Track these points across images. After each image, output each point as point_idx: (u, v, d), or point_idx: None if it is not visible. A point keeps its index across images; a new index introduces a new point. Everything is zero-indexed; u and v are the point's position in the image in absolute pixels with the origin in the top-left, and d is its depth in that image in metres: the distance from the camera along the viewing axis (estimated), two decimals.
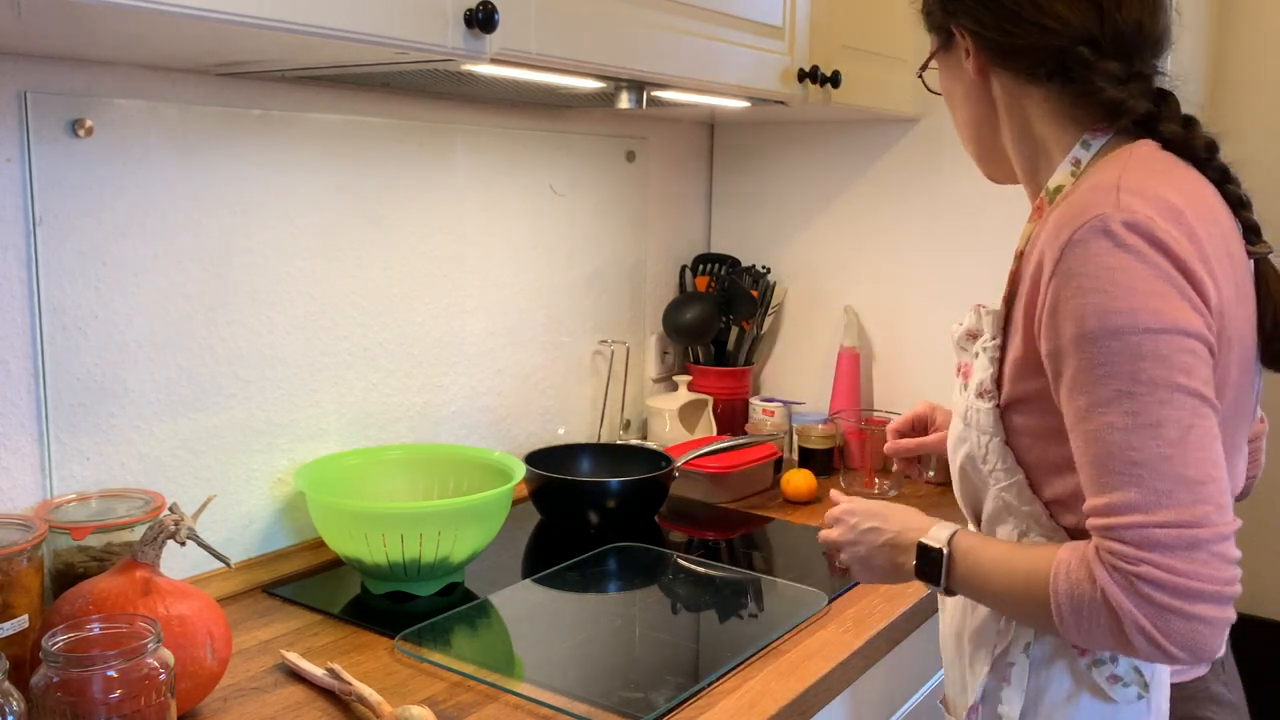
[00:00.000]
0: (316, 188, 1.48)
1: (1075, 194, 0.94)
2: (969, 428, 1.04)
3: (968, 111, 1.11)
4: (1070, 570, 0.88)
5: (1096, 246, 0.87)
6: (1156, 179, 0.93)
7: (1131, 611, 0.84)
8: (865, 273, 2.11)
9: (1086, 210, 0.90)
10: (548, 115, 1.85)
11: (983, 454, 1.02)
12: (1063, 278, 0.89)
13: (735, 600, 1.42)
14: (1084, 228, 0.88)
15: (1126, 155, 0.97)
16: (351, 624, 1.31)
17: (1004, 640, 1.04)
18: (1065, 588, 0.88)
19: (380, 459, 1.55)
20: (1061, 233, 0.90)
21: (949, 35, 1.08)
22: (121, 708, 0.87)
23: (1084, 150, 1.01)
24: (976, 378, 1.03)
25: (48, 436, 1.22)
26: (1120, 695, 1.00)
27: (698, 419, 2.10)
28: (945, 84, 1.13)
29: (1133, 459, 0.85)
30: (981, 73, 1.06)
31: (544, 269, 1.87)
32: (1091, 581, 0.86)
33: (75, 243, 1.23)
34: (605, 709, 1.10)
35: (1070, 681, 1.01)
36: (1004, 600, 0.97)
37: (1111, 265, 0.86)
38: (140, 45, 1.12)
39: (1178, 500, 0.84)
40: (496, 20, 1.09)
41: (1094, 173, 0.97)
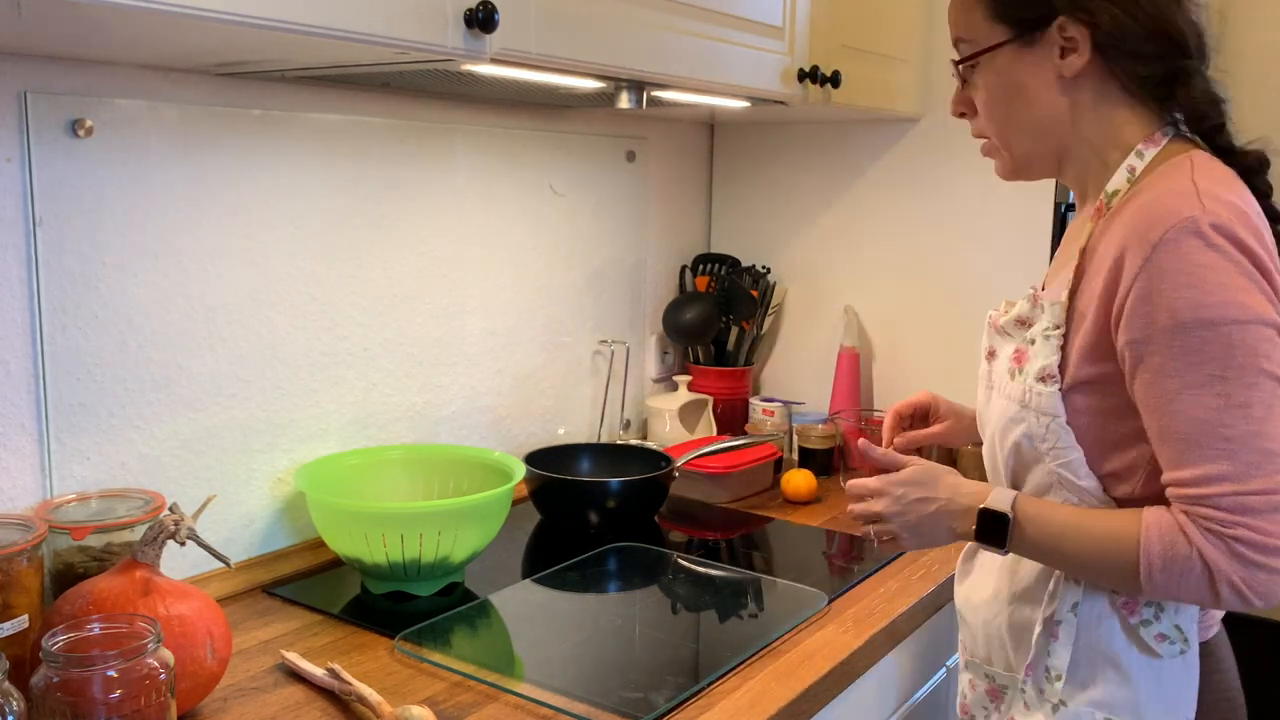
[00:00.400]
0: (316, 188, 1.48)
1: (1150, 197, 1.03)
2: (1026, 409, 1.11)
3: (1038, 111, 1.12)
4: (1163, 533, 0.99)
5: (1188, 246, 0.97)
6: (1224, 187, 1.03)
7: (1226, 569, 0.96)
8: (865, 273, 2.11)
9: (1173, 213, 0.99)
10: (548, 115, 1.85)
11: (1043, 433, 1.10)
12: (1154, 273, 0.98)
13: (735, 600, 1.42)
14: (1174, 229, 0.98)
15: (1188, 163, 1.06)
16: (351, 624, 1.31)
17: (1053, 600, 1.13)
18: (1159, 549, 0.99)
19: (380, 459, 1.55)
20: (1151, 232, 0.99)
21: (1034, 28, 1.09)
22: (121, 708, 0.87)
23: (1138, 159, 1.10)
24: (1038, 363, 1.11)
25: (48, 436, 1.23)
26: (1165, 651, 1.10)
27: (698, 419, 2.10)
28: (1007, 79, 1.12)
29: (1225, 435, 0.96)
30: (1079, 72, 1.09)
31: (544, 269, 1.87)
32: (1188, 543, 0.98)
33: (75, 243, 1.23)
34: (605, 709, 1.10)
35: (1119, 640, 1.11)
36: (1075, 559, 1.07)
37: (1202, 263, 0.97)
38: (140, 45, 1.12)
39: (1265, 470, 0.96)
40: (496, 20, 1.09)
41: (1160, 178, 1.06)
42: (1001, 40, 1.11)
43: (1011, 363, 1.15)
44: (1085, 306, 1.07)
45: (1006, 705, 1.21)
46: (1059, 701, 1.14)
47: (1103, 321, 1.04)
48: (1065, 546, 1.07)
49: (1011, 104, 1.13)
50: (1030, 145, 1.15)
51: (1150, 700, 1.11)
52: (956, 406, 1.41)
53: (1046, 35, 1.09)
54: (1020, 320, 1.15)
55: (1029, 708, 1.17)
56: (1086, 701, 1.12)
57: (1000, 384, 1.17)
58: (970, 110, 1.18)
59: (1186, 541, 0.98)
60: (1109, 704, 1.11)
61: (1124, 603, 1.10)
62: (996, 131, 1.16)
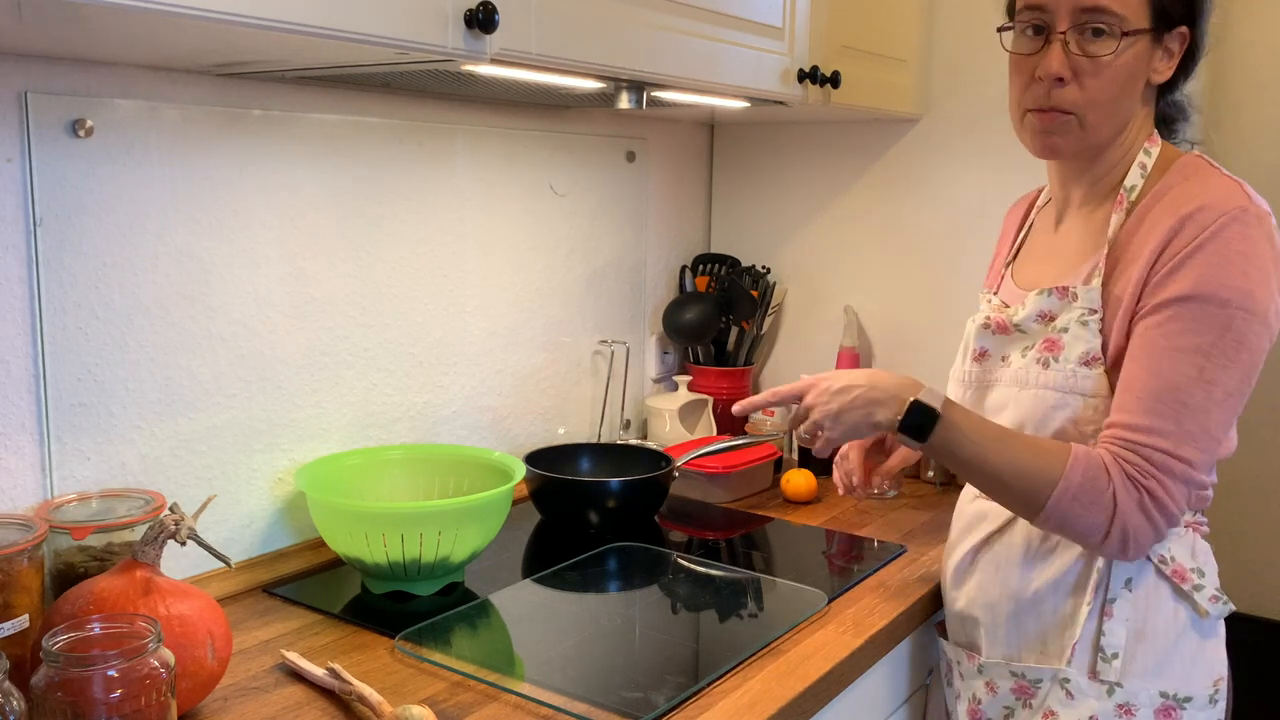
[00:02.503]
0: (316, 188, 1.48)
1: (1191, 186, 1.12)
2: (1070, 394, 1.16)
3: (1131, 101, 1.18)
4: (1090, 466, 1.06)
5: (1233, 231, 1.06)
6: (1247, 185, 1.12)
7: (1127, 514, 1.05)
8: (865, 273, 2.11)
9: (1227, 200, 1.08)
10: (548, 115, 1.85)
11: (1090, 415, 1.15)
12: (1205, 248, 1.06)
13: (735, 600, 1.42)
14: (1229, 214, 1.06)
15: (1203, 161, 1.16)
16: (351, 624, 1.31)
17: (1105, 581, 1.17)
18: (1080, 478, 1.06)
19: (380, 459, 1.55)
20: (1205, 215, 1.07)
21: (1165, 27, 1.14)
22: (122, 708, 0.87)
23: (1147, 156, 1.19)
24: (1079, 348, 1.16)
25: (48, 436, 1.23)
26: (1216, 611, 1.17)
27: (698, 419, 2.10)
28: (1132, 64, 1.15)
29: (1184, 401, 1.04)
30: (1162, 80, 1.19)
31: (544, 269, 1.87)
32: (1108, 480, 1.06)
33: (75, 243, 1.23)
34: (605, 709, 1.10)
35: (1173, 607, 1.17)
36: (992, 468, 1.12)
37: (1240, 250, 1.05)
38: (140, 45, 1.12)
39: (1198, 445, 1.04)
40: (496, 20, 1.09)
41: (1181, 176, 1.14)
42: (1146, 27, 1.14)
43: (1042, 352, 1.19)
44: (1121, 292, 1.13)
45: (1041, 699, 1.21)
46: (1114, 683, 1.17)
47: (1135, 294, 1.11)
48: (989, 454, 1.12)
49: (1124, 89, 1.17)
50: (1108, 130, 1.19)
51: (1195, 665, 1.17)
52: None
53: (1166, 37, 1.15)
54: (1043, 315, 1.20)
55: (1074, 696, 1.19)
56: (1140, 678, 1.17)
57: (1027, 378, 1.21)
58: (1070, 78, 1.16)
59: (1107, 478, 1.06)
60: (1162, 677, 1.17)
61: (1173, 570, 1.16)
62: (1096, 108, 1.16)
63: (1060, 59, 1.14)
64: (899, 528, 1.71)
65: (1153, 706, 1.17)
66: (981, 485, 1.18)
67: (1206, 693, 1.18)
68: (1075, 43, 1.14)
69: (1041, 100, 1.17)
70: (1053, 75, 1.15)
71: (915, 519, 1.75)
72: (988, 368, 1.27)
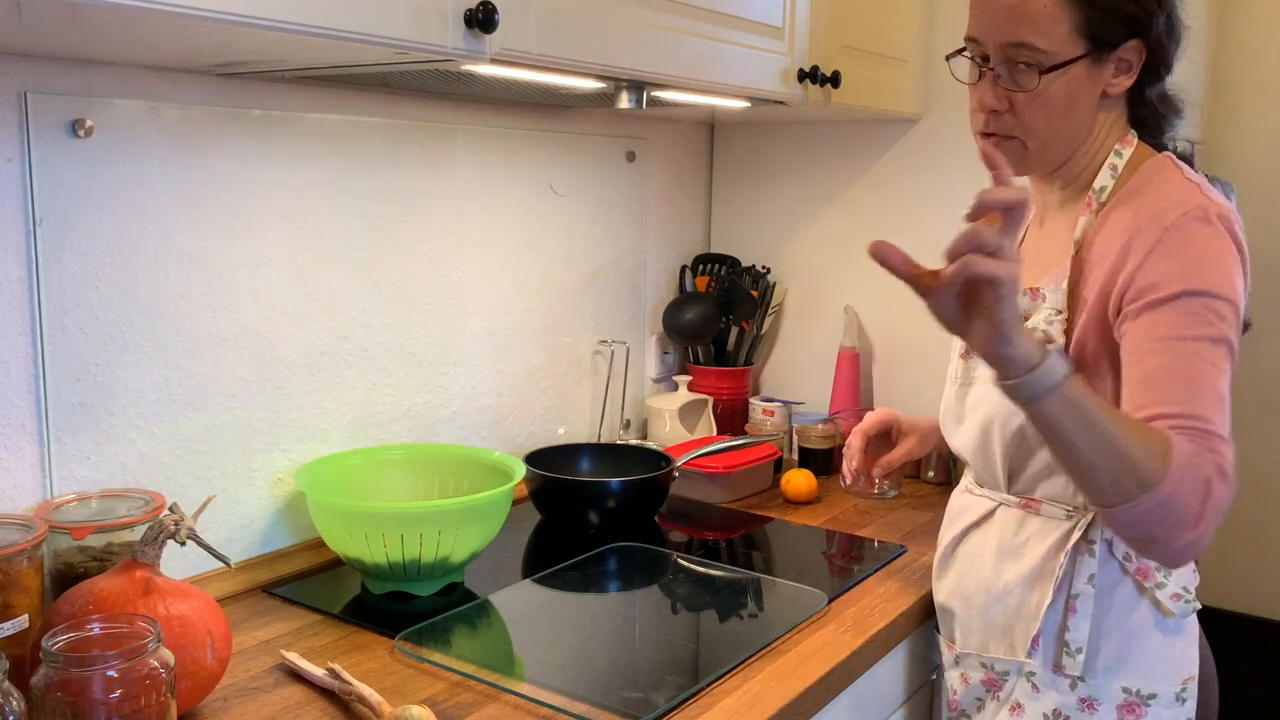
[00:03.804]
0: (316, 188, 1.48)
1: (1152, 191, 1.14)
2: None
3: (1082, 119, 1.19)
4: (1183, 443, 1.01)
5: (1198, 230, 1.08)
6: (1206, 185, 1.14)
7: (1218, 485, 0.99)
8: (865, 273, 2.11)
9: (1185, 200, 1.10)
10: (548, 115, 1.85)
11: None
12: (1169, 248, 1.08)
13: (735, 600, 1.42)
14: (1187, 214, 1.09)
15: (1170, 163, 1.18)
16: (351, 624, 1.31)
17: (1068, 575, 1.18)
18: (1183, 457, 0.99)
19: (380, 459, 1.55)
20: (1164, 216, 1.10)
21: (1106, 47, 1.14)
22: (122, 708, 0.87)
23: (1118, 158, 1.21)
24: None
25: (48, 436, 1.23)
26: (1180, 610, 1.17)
27: (698, 419, 2.10)
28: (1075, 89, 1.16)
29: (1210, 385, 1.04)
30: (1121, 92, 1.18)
31: (544, 269, 1.87)
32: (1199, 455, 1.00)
33: (75, 243, 1.23)
34: (605, 709, 1.10)
35: (1135, 603, 1.17)
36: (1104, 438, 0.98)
37: (1211, 247, 1.08)
38: (140, 45, 1.12)
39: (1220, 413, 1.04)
40: (496, 20, 1.09)
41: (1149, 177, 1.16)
42: (1079, 55, 1.14)
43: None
44: (1089, 290, 1.14)
45: (1007, 693, 1.23)
46: (1078, 677, 1.18)
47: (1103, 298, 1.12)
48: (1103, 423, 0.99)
49: (1064, 114, 1.17)
50: (1059, 150, 1.21)
51: (1161, 663, 1.18)
52: (912, 419, 1.49)
53: (1113, 55, 1.15)
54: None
55: (1038, 689, 1.20)
56: (1103, 674, 1.17)
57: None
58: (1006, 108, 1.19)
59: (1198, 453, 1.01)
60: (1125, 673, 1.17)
61: (1137, 569, 1.17)
62: (1035, 135, 1.19)
63: (991, 92, 1.18)
64: (899, 528, 1.71)
65: (1115, 702, 1.18)
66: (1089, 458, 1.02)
67: (1172, 690, 1.19)
68: (1006, 76, 1.17)
69: (984, 127, 1.21)
70: (987, 108, 1.20)
71: (915, 519, 1.75)
72: (972, 364, 1.29)
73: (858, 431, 1.47)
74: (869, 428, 1.47)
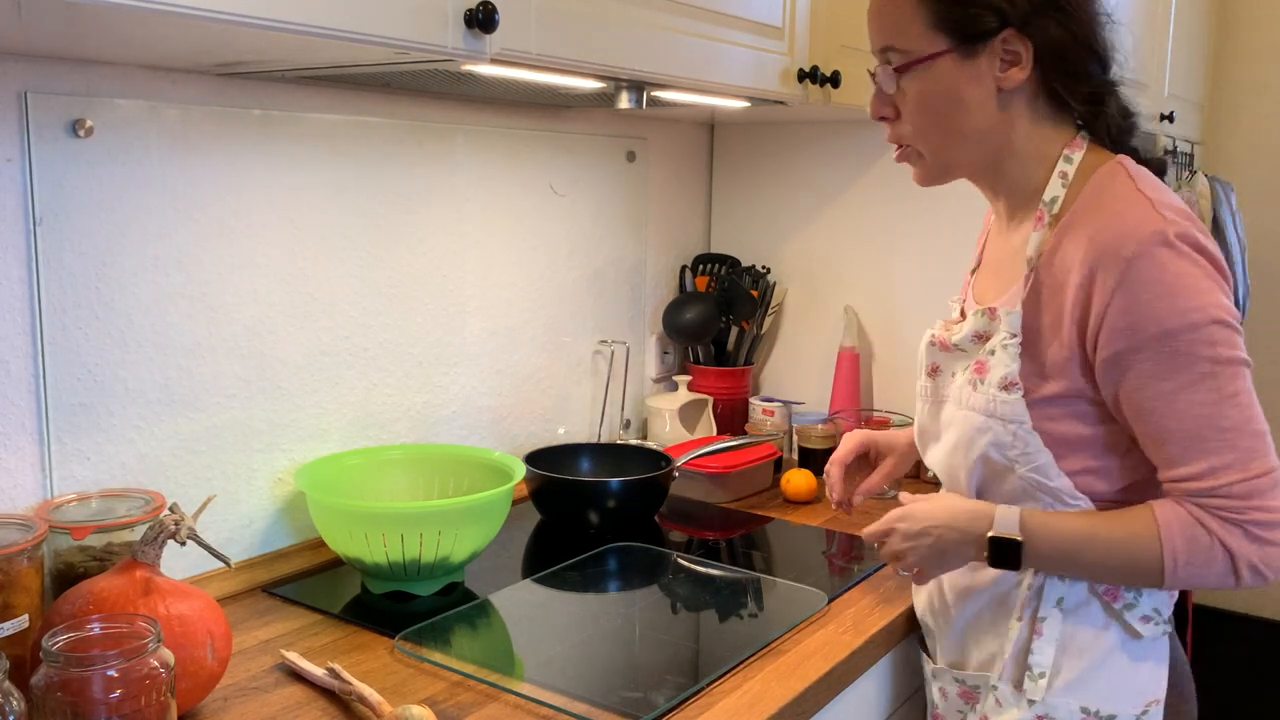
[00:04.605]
0: (316, 188, 1.48)
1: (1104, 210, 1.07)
2: (992, 418, 1.13)
3: (972, 121, 1.13)
4: (1183, 528, 1.03)
5: (1161, 258, 1.02)
6: (1164, 191, 1.08)
7: (1246, 552, 1.02)
8: (865, 273, 2.11)
9: (1139, 226, 1.03)
10: (548, 115, 1.86)
11: (1010, 440, 1.12)
12: (1133, 286, 1.02)
13: (735, 600, 1.42)
14: (1144, 243, 1.02)
15: (1122, 170, 1.10)
16: (351, 624, 1.31)
17: (1035, 596, 1.16)
18: (1182, 543, 1.03)
19: (380, 459, 1.55)
20: (1122, 248, 1.03)
21: (977, 40, 1.09)
22: (122, 708, 0.88)
23: (1068, 164, 1.13)
24: (999, 372, 1.13)
25: (48, 436, 1.23)
26: (1149, 632, 1.14)
27: (698, 419, 2.10)
28: (942, 88, 1.12)
29: (1223, 427, 1.02)
30: (1019, 85, 1.11)
31: (544, 269, 1.87)
32: (1208, 534, 1.02)
33: (75, 243, 1.23)
34: (605, 709, 1.10)
35: (1102, 625, 1.15)
36: (1094, 566, 1.10)
37: (1177, 272, 1.02)
38: (140, 45, 1.12)
39: (1260, 452, 1.02)
40: (496, 20, 1.09)
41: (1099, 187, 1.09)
42: (941, 50, 1.11)
43: (973, 374, 1.17)
44: (1051, 321, 1.10)
45: (980, 704, 1.22)
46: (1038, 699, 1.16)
47: (1076, 338, 1.08)
48: (1083, 557, 1.09)
49: (946, 114, 1.13)
50: (959, 154, 1.16)
51: (1123, 684, 1.15)
52: (889, 439, 1.45)
53: (989, 47, 1.09)
54: (978, 335, 1.17)
55: (1001, 705, 1.18)
56: (1062, 692, 1.15)
57: (961, 397, 1.18)
58: (893, 115, 1.17)
59: (1206, 532, 1.02)
60: (1085, 693, 1.15)
61: (1105, 589, 1.14)
62: (924, 139, 1.16)
63: (878, 99, 1.18)
64: None
65: None
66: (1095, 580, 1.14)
67: (1133, 713, 1.15)
68: (883, 82, 1.17)
69: (888, 139, 1.20)
70: (874, 117, 1.19)
71: None
72: (940, 383, 1.24)
73: (835, 462, 1.43)
74: (845, 456, 1.43)
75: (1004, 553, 1.11)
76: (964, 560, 1.16)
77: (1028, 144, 1.15)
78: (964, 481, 1.20)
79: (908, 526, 1.18)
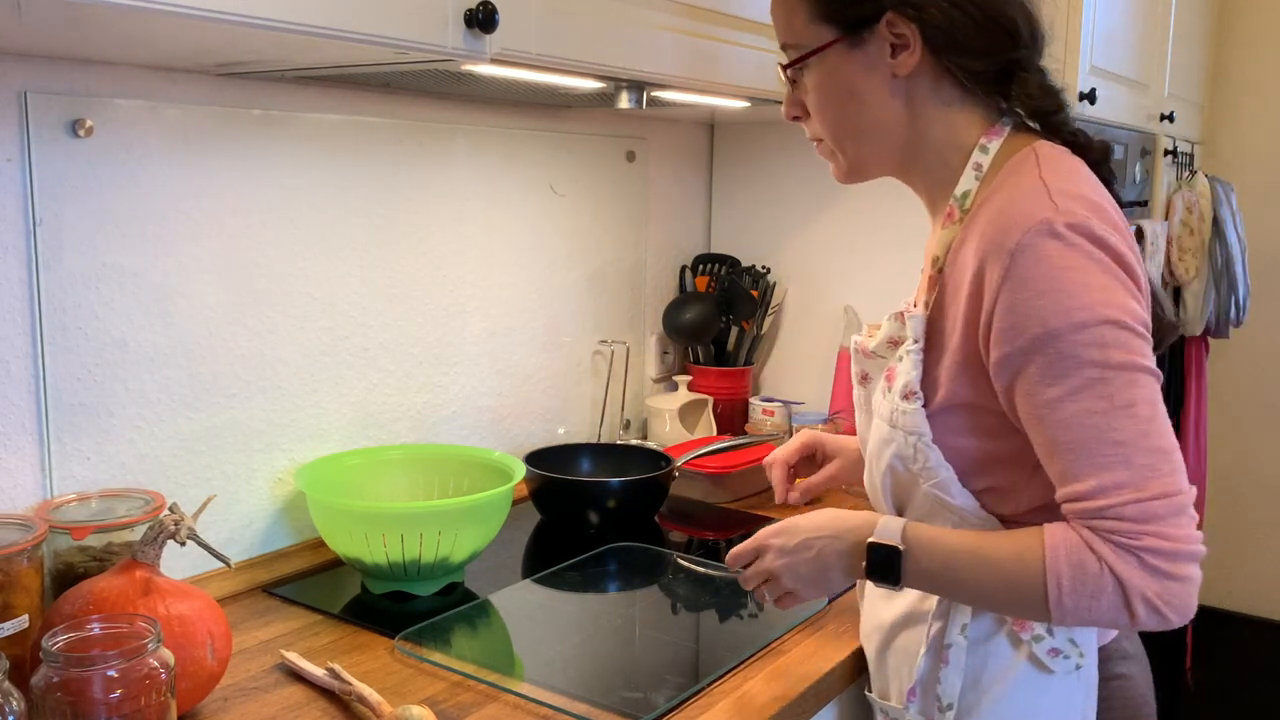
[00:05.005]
0: (316, 188, 1.48)
1: (1000, 199, 0.97)
2: (895, 429, 1.05)
3: (871, 112, 1.06)
4: (1070, 551, 0.91)
5: (1047, 249, 0.91)
6: (1073, 178, 0.98)
7: (1139, 584, 0.88)
8: (865, 273, 2.11)
9: (1027, 216, 0.93)
10: (548, 115, 1.86)
11: (911, 453, 1.04)
12: (1016, 282, 0.92)
13: (735, 600, 1.42)
14: (1030, 233, 0.92)
15: (1032, 157, 1.00)
16: (351, 624, 1.31)
17: (940, 622, 1.07)
18: (1067, 569, 0.91)
19: (380, 459, 1.55)
20: (1006, 240, 0.93)
21: (862, 27, 1.03)
22: (121, 708, 0.87)
23: (983, 155, 1.04)
24: (901, 380, 1.04)
25: (48, 436, 1.23)
26: (1059, 667, 1.04)
27: (698, 419, 2.10)
28: (837, 80, 1.07)
29: (1115, 439, 0.89)
30: (913, 70, 1.03)
31: (544, 269, 1.87)
32: (1097, 561, 0.90)
33: (75, 243, 1.23)
34: (605, 709, 1.10)
35: (1010, 657, 1.05)
36: (975, 588, 0.99)
37: (1064, 266, 0.91)
38: (140, 45, 1.12)
39: (1160, 472, 0.89)
40: (496, 20, 1.09)
41: (1007, 176, 1.00)
42: (828, 41, 1.05)
43: (884, 382, 1.10)
44: (951, 323, 1.01)
45: None
46: None
47: (971, 340, 0.98)
48: (963, 575, 0.98)
49: (844, 106, 1.07)
50: (866, 147, 1.09)
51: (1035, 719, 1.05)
52: (841, 442, 1.36)
53: (875, 33, 1.03)
54: (892, 340, 1.10)
55: None
56: None
57: (875, 406, 1.12)
58: (804, 113, 1.12)
59: (1095, 559, 0.90)
60: None
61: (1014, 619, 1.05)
62: (830, 134, 1.10)
63: (789, 98, 1.13)
64: None
65: None
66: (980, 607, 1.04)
67: None
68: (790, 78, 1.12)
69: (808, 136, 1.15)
70: (787, 117, 1.14)
71: None
72: (869, 391, 1.16)
73: (777, 461, 1.36)
74: (789, 455, 1.36)
75: (882, 562, 1.01)
76: (846, 574, 1.06)
77: (940, 134, 1.06)
78: (880, 495, 1.13)
79: (784, 541, 1.09)
